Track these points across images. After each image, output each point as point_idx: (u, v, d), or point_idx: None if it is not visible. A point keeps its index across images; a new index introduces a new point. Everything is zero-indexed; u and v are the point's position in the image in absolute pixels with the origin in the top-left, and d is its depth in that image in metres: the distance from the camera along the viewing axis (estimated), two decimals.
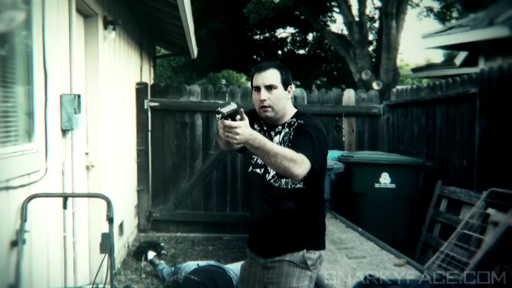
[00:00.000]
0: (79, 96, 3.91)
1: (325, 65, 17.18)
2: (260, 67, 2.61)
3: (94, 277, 4.50)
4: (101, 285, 3.59)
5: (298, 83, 16.50)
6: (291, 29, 17.03)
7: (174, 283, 5.11)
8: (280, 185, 2.59)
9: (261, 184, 2.67)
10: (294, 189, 2.57)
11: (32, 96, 3.23)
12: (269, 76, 2.56)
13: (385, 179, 6.11)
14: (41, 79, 3.37)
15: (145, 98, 7.50)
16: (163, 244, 6.87)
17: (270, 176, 2.62)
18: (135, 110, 7.40)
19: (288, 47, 17.36)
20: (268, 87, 2.55)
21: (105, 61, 5.16)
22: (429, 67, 13.17)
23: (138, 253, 6.34)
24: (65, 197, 3.58)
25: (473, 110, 5.52)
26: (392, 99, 8.03)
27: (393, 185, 6.10)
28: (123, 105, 6.37)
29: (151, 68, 9.15)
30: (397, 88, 8.49)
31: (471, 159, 5.56)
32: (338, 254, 4.38)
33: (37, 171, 3.28)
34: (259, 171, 2.68)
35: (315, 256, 2.62)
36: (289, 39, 17.34)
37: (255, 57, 17.36)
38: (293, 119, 2.63)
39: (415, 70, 13.60)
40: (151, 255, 6.17)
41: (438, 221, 6.00)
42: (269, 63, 2.63)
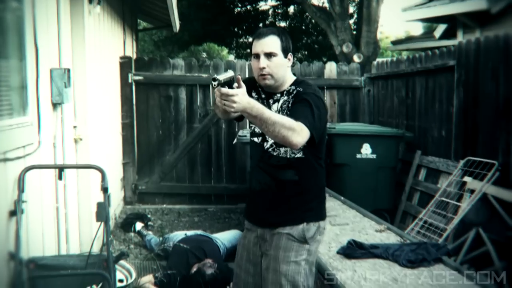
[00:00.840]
0: (68, 70, 3.98)
1: (306, 38, 17.21)
2: (260, 33, 2.52)
3: (83, 246, 4.65)
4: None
5: None
6: (272, 2, 17.01)
7: (163, 251, 5.27)
8: (279, 154, 2.54)
9: (259, 153, 2.62)
10: (293, 158, 2.53)
11: (25, 70, 3.31)
12: (269, 43, 2.48)
13: (366, 150, 6.25)
14: (33, 54, 3.44)
15: (129, 72, 7.54)
16: (149, 216, 7.01)
17: (268, 144, 2.57)
18: (119, 84, 7.45)
19: (269, 20, 17.33)
20: (267, 55, 2.47)
21: (90, 35, 5.19)
22: (408, 39, 13.29)
23: (125, 224, 6.47)
24: (60, 168, 3.67)
25: (451, 82, 5.68)
26: (372, 71, 8.17)
27: (374, 156, 6.25)
28: (107, 79, 6.42)
29: (133, 42, 9.15)
30: (377, 60, 8.59)
31: (449, 129, 5.72)
32: None
33: (31, 143, 3.37)
34: (257, 139, 2.63)
35: (314, 227, 2.58)
36: (270, 12, 17.31)
37: (236, 30, 17.33)
38: (292, 86, 2.56)
39: (395, 42, 13.72)
40: (139, 226, 6.31)
41: (417, 190, 6.20)
42: (270, 29, 2.54)
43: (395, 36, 27.55)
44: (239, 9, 16.79)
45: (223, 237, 5.46)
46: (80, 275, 3.18)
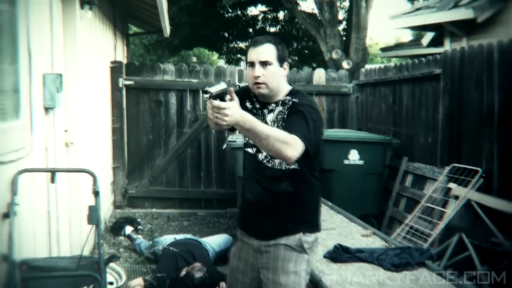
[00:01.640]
0: (61, 75, 4.03)
1: (296, 44, 17.30)
2: (255, 41, 2.48)
3: (74, 249, 4.69)
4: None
5: None
6: (262, 7, 17.09)
7: (153, 255, 5.32)
8: (273, 166, 2.49)
9: (253, 164, 2.57)
10: (288, 170, 2.48)
11: (18, 75, 3.36)
12: (265, 51, 2.43)
13: (353, 156, 6.32)
14: (26, 59, 3.49)
15: (120, 76, 7.58)
16: (139, 220, 7.05)
17: (262, 156, 2.52)
18: (110, 88, 7.48)
19: (259, 25, 17.42)
20: (262, 63, 2.42)
21: (82, 40, 5.24)
22: (397, 46, 13.41)
23: (115, 228, 6.50)
24: (53, 172, 3.72)
25: (437, 89, 5.79)
26: (361, 78, 8.27)
27: (362, 162, 6.31)
28: (98, 83, 6.46)
29: (124, 46, 9.20)
30: (366, 68, 8.70)
31: (435, 136, 5.82)
32: None
33: (24, 147, 3.42)
34: (251, 150, 2.57)
35: (311, 239, 2.55)
36: (260, 17, 17.40)
37: (226, 35, 17.41)
38: (288, 97, 2.50)
39: (384, 49, 13.84)
40: (129, 230, 6.35)
41: (403, 196, 6.29)
42: (266, 37, 2.49)
43: (385, 42, 27.77)
44: (230, 14, 16.86)
45: (212, 241, 5.52)
46: (71, 276, 3.22)
